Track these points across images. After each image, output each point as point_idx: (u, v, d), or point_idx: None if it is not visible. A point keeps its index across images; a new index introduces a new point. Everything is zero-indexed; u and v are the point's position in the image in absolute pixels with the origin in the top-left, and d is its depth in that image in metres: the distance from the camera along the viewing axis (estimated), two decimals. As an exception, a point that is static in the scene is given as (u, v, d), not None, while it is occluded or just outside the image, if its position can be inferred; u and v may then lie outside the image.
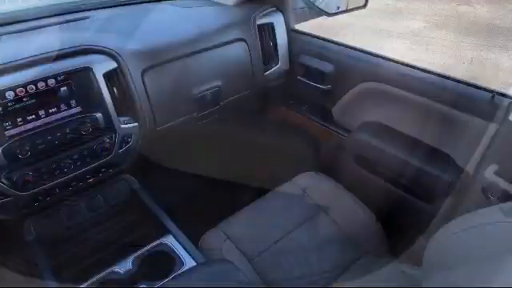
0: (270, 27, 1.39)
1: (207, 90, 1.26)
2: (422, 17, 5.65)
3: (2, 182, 0.93)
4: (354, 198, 1.26)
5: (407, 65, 1.15)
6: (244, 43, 1.32)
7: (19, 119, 0.93)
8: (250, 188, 1.84)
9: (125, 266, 0.95)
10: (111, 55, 1.05)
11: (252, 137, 1.85)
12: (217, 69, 1.27)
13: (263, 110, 1.69)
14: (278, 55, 1.42)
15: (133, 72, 1.09)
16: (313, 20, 1.71)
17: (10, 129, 0.92)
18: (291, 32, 1.45)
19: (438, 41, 4.80)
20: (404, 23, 5.47)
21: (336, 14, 1.47)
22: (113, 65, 1.05)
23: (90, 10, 1.35)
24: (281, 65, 1.44)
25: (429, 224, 1.16)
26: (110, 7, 1.40)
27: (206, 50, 1.24)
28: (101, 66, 1.03)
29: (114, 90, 1.06)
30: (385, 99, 1.20)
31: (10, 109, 0.92)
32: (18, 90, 0.92)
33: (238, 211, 1.23)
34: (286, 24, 1.43)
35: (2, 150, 0.91)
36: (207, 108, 1.30)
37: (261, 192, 1.35)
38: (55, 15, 1.29)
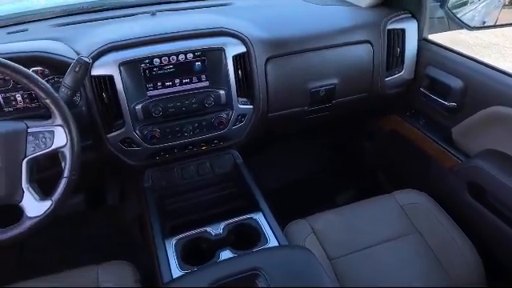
0: (401, 33, 1.34)
1: (323, 86, 1.28)
2: None
3: (136, 134, 1.10)
4: (457, 227, 1.16)
5: None
6: (369, 46, 1.30)
7: (159, 83, 1.10)
8: (346, 190, 1.82)
9: (216, 230, 1.04)
10: (243, 40, 1.15)
11: (358, 140, 1.82)
12: (336, 67, 1.28)
13: (375, 116, 1.65)
14: (403, 63, 1.37)
15: (258, 59, 1.17)
16: (450, 32, 1.60)
17: (151, 90, 1.09)
18: (422, 41, 1.37)
19: None
20: None
21: (480, 28, 1.35)
22: (242, 49, 1.15)
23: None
24: (404, 73, 1.38)
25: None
26: None
27: (330, 47, 1.26)
28: (232, 49, 1.13)
29: (239, 72, 1.16)
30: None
31: (153, 73, 1.08)
32: (163, 59, 1.07)
33: (329, 210, 1.24)
34: (418, 32, 1.36)
35: (142, 107, 1.08)
36: (319, 104, 1.32)
37: (356, 197, 1.33)
38: (202, -1, 1.46)
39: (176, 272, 0.92)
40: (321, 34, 1.26)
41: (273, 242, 1.00)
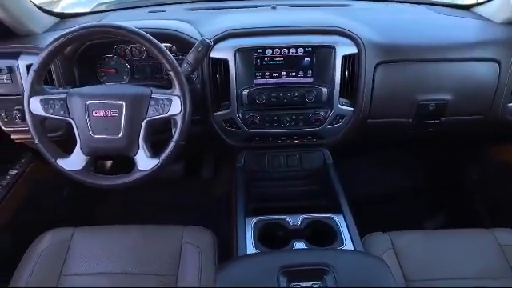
0: (539, 56, 1.19)
1: (433, 100, 1.21)
2: None
3: (239, 116, 1.19)
4: None
5: None
6: (496, 65, 1.18)
7: (267, 73, 1.16)
8: (436, 214, 1.69)
9: (295, 220, 1.06)
10: (355, 41, 1.14)
11: (461, 163, 1.67)
12: (452, 82, 1.19)
13: (487, 142, 1.49)
14: None
15: (368, 62, 1.15)
16: None
17: (258, 78, 1.16)
18: None
19: None
20: None
21: None
22: (353, 50, 1.14)
23: (352, -1, 1.50)
24: (536, 101, 1.22)
25: None
26: (371, 0, 1.50)
27: (449, 60, 1.18)
28: (343, 49, 1.14)
29: (346, 72, 1.16)
30: None
31: (264, 63, 1.15)
32: (275, 50, 1.13)
33: (415, 230, 1.17)
34: None
35: (248, 93, 1.15)
36: (426, 118, 1.25)
37: (446, 224, 1.23)
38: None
39: (250, 249, 0.97)
40: (440, 45, 1.19)
41: (348, 246, 0.99)
